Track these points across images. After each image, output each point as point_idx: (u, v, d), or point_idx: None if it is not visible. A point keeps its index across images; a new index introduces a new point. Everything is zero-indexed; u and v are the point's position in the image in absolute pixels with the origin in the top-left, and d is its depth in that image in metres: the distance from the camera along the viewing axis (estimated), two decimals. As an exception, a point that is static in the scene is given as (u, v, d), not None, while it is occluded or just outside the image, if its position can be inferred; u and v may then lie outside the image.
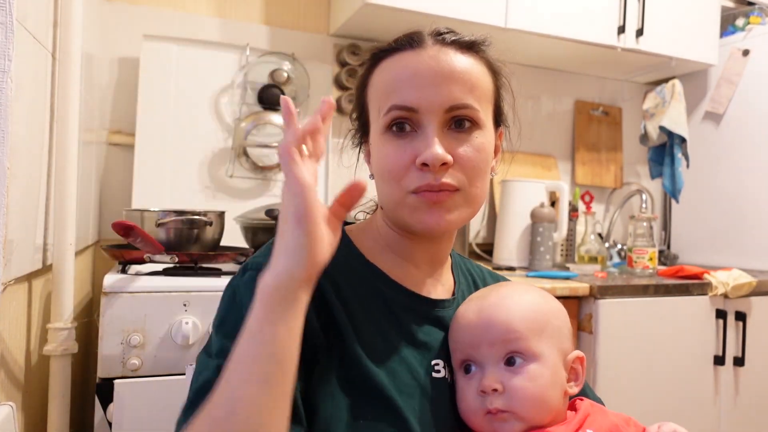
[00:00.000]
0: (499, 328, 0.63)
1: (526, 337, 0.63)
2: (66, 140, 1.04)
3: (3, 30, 0.72)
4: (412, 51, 0.66)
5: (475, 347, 0.63)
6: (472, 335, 0.64)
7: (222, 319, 0.62)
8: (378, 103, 0.66)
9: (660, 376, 1.56)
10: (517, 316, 0.64)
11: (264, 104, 1.78)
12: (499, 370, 0.62)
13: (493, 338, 0.63)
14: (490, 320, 0.64)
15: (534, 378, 0.62)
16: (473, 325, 0.65)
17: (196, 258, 1.23)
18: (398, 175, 0.64)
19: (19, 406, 0.92)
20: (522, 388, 0.61)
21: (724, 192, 2.17)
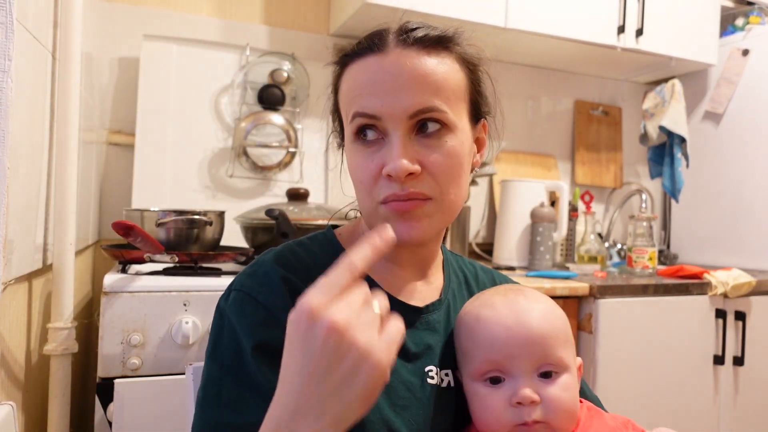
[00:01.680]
0: (541, 340, 0.62)
1: (561, 350, 0.63)
2: (66, 140, 1.04)
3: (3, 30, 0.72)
4: (374, 56, 0.63)
5: (510, 358, 0.61)
6: (508, 345, 0.62)
7: (213, 344, 0.62)
8: (345, 110, 0.65)
9: (660, 376, 1.56)
10: (554, 325, 0.64)
11: (264, 104, 1.78)
12: (534, 381, 0.61)
13: (533, 352, 0.61)
14: (530, 331, 0.62)
15: (568, 388, 0.62)
16: (510, 333, 0.62)
17: (196, 258, 1.23)
18: (368, 185, 0.63)
19: (20, 405, 0.92)
20: (559, 399, 0.61)
21: (723, 192, 2.17)
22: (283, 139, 1.78)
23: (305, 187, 1.61)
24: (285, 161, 1.81)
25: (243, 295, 0.61)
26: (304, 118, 1.83)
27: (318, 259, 0.67)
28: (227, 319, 0.61)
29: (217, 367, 0.60)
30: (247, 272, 0.64)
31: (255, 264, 0.65)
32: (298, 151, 1.81)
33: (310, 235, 0.72)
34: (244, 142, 1.74)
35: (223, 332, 0.61)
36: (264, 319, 0.59)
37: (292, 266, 0.64)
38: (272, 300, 0.60)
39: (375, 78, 0.62)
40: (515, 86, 2.24)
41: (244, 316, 0.60)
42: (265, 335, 0.58)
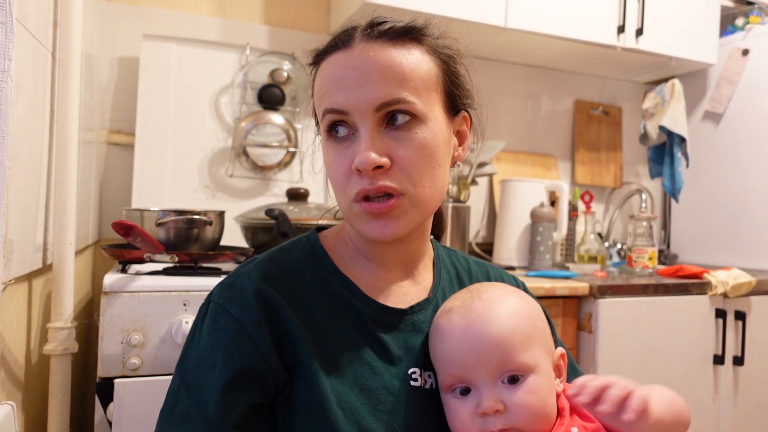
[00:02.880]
0: (495, 348, 0.60)
1: (521, 352, 0.60)
2: (66, 140, 1.04)
3: (3, 29, 0.72)
4: (341, 52, 0.63)
5: (470, 370, 0.60)
6: (464, 357, 0.60)
7: (184, 352, 0.63)
8: (318, 108, 0.65)
9: (659, 376, 1.56)
10: (509, 329, 0.61)
11: (264, 104, 1.78)
12: (497, 389, 0.60)
13: (489, 360, 0.60)
14: (482, 340, 0.60)
15: (534, 390, 0.60)
16: (463, 345, 0.61)
17: (196, 257, 1.23)
18: (342, 183, 0.63)
19: (20, 405, 0.92)
20: (524, 403, 0.59)
21: (723, 191, 2.17)
22: (283, 139, 1.78)
23: (305, 187, 1.61)
24: (285, 161, 1.81)
25: (218, 307, 0.62)
26: (304, 118, 1.84)
27: (300, 266, 0.67)
28: (200, 332, 0.62)
29: (179, 379, 0.61)
30: (225, 283, 0.64)
31: (233, 275, 0.65)
32: (298, 151, 1.81)
33: (293, 240, 0.72)
34: (244, 141, 1.74)
35: (193, 344, 0.62)
36: (236, 334, 0.59)
37: (270, 277, 0.64)
38: (245, 314, 0.60)
39: (340, 73, 0.62)
40: (515, 86, 2.24)
41: (216, 330, 0.60)
42: (237, 361, 0.58)
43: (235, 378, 0.57)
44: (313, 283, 0.66)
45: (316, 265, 0.67)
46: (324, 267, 0.67)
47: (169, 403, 0.60)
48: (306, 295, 0.64)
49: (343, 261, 0.69)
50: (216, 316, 0.61)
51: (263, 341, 0.59)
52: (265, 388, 0.59)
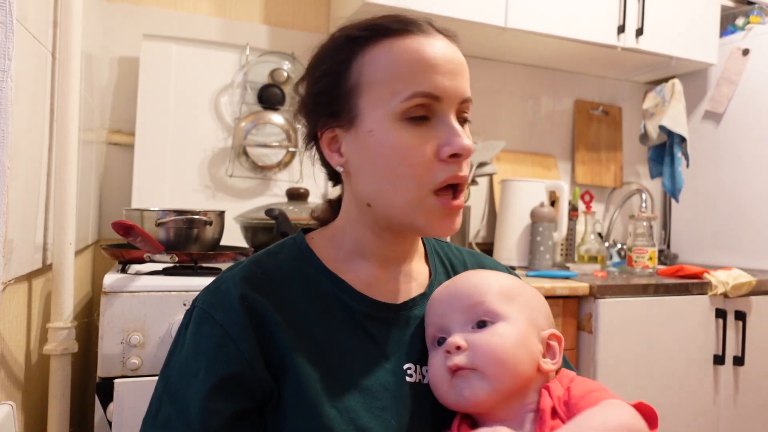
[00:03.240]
0: (467, 294, 0.63)
1: (494, 301, 0.62)
2: (66, 140, 1.04)
3: (3, 29, 0.72)
4: (423, 36, 0.61)
5: (444, 317, 0.63)
6: (440, 307, 0.64)
7: (168, 358, 0.62)
8: (390, 86, 0.60)
9: (660, 376, 1.56)
10: (485, 283, 0.64)
11: (264, 104, 1.78)
12: (465, 332, 0.61)
13: (460, 305, 0.62)
14: (457, 289, 0.64)
15: (499, 334, 0.60)
16: (442, 298, 0.65)
17: (195, 257, 1.23)
18: (420, 170, 0.59)
19: (19, 405, 0.92)
20: (486, 342, 0.59)
21: (724, 191, 2.17)
22: (283, 139, 1.78)
23: (305, 187, 1.61)
24: (285, 161, 1.81)
25: (202, 312, 0.61)
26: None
27: (286, 267, 0.66)
28: (184, 339, 0.61)
29: (162, 385, 0.60)
30: (210, 288, 0.64)
31: (218, 280, 0.65)
32: (298, 151, 1.81)
33: (279, 243, 0.70)
34: (244, 141, 1.74)
35: (177, 350, 0.62)
36: (220, 340, 0.59)
37: (255, 280, 0.63)
38: (229, 319, 0.59)
39: (434, 58, 0.60)
40: (515, 86, 2.24)
41: (200, 336, 0.60)
42: (220, 367, 0.57)
43: (219, 384, 0.57)
44: (301, 284, 0.65)
45: (304, 266, 0.66)
46: (312, 267, 0.66)
47: (152, 410, 0.59)
48: (293, 297, 0.63)
49: (333, 261, 0.67)
50: (200, 321, 0.61)
51: (248, 346, 0.58)
52: (250, 394, 0.58)
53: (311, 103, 0.67)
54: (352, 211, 0.68)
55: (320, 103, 0.65)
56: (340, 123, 0.64)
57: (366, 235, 0.67)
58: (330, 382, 0.60)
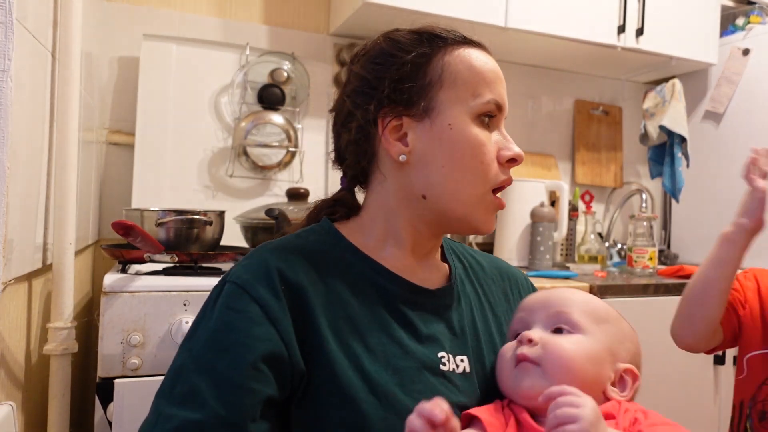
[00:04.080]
0: (557, 302, 0.66)
1: (578, 315, 0.64)
2: (66, 140, 1.04)
3: (3, 29, 0.72)
4: (480, 50, 0.68)
5: (530, 315, 0.66)
6: (530, 306, 0.67)
7: (192, 331, 0.60)
8: (472, 88, 0.65)
9: (660, 376, 1.56)
10: (580, 300, 0.67)
11: (264, 104, 1.78)
12: (543, 331, 0.64)
13: (547, 309, 0.65)
14: (551, 296, 0.67)
15: (572, 342, 0.62)
16: (536, 299, 0.69)
17: (196, 257, 1.23)
18: (486, 168, 0.65)
19: (19, 405, 0.92)
20: (557, 344, 0.61)
21: (724, 191, 2.17)
22: (283, 139, 1.78)
23: (305, 187, 1.61)
24: (285, 161, 1.81)
25: (236, 288, 0.59)
26: (304, 118, 1.83)
27: (320, 248, 0.66)
28: (212, 312, 0.59)
29: (185, 357, 0.57)
30: (243, 263, 0.62)
31: (252, 255, 0.64)
32: (298, 151, 1.81)
33: (306, 228, 0.71)
34: (244, 141, 1.74)
35: (202, 324, 0.59)
36: (257, 318, 0.57)
37: (292, 258, 0.62)
38: (267, 296, 0.58)
39: (497, 73, 0.68)
40: (515, 86, 2.24)
41: (234, 311, 0.58)
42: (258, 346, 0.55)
43: (255, 362, 0.54)
44: (335, 264, 0.64)
45: (336, 249, 0.66)
46: (345, 250, 0.67)
47: (167, 384, 0.56)
48: (328, 276, 0.63)
49: (364, 246, 0.67)
50: (233, 296, 0.59)
51: (285, 327, 0.57)
52: (282, 381, 0.56)
53: (381, 89, 0.65)
54: (390, 203, 0.68)
55: (395, 90, 0.65)
56: (411, 113, 0.65)
57: (403, 226, 0.68)
58: (366, 364, 0.59)
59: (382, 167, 0.67)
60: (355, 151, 0.68)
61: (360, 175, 0.71)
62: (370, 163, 0.69)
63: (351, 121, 0.68)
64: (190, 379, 0.55)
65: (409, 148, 0.65)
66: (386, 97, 0.65)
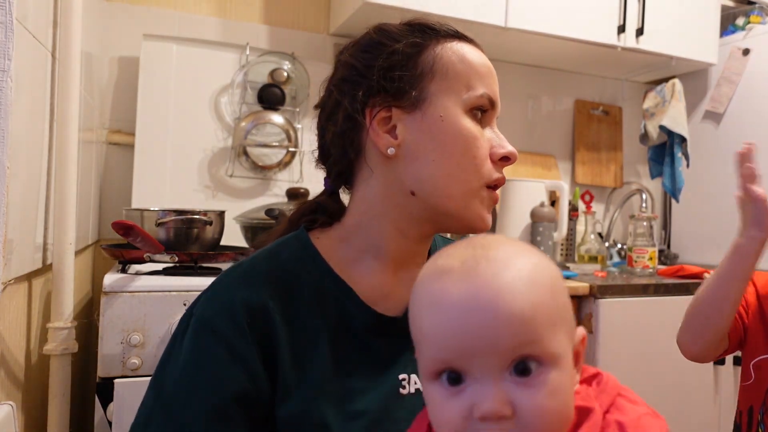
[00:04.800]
0: (509, 327, 0.42)
1: (543, 334, 0.43)
2: (66, 139, 1.04)
3: (3, 29, 0.72)
4: (475, 47, 0.66)
5: (470, 355, 0.42)
6: (466, 339, 0.42)
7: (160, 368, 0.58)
8: (465, 80, 0.62)
9: (660, 376, 1.56)
10: (531, 304, 0.43)
11: (264, 104, 1.78)
12: (504, 384, 0.42)
13: (501, 345, 0.42)
14: (495, 317, 0.42)
15: (556, 391, 0.43)
16: (467, 322, 0.42)
17: (196, 257, 1.23)
18: (480, 163, 0.62)
19: (19, 405, 0.92)
20: (543, 409, 0.42)
21: (724, 191, 2.17)
22: (283, 139, 1.78)
23: (305, 187, 1.61)
24: (285, 161, 1.81)
25: (201, 323, 0.57)
26: (304, 118, 1.83)
27: (290, 268, 0.62)
28: (180, 348, 0.57)
29: (153, 396, 0.56)
30: (209, 295, 0.60)
31: (217, 285, 0.60)
32: (298, 151, 1.81)
33: (280, 241, 0.66)
34: (244, 141, 1.74)
35: (171, 359, 0.58)
36: (223, 355, 0.55)
37: (258, 285, 0.59)
38: (232, 331, 0.56)
39: (490, 69, 0.65)
40: (515, 86, 2.24)
41: (200, 349, 0.56)
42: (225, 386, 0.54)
43: (222, 405, 0.54)
44: (305, 286, 0.61)
45: (308, 266, 0.62)
46: (317, 268, 0.63)
47: (140, 421, 0.56)
48: (296, 301, 0.60)
49: (340, 263, 0.64)
50: (199, 332, 0.57)
51: (253, 362, 0.55)
52: (254, 418, 0.55)
53: (370, 76, 0.62)
54: (376, 205, 0.64)
55: (385, 78, 0.62)
56: (401, 103, 0.61)
57: (388, 232, 0.64)
58: (329, 401, 0.57)
59: (370, 162, 0.63)
60: (341, 144, 0.64)
61: (345, 173, 0.67)
62: (356, 158, 0.64)
63: (337, 111, 0.64)
64: (158, 421, 0.55)
65: (398, 140, 0.61)
66: (375, 85, 0.61)
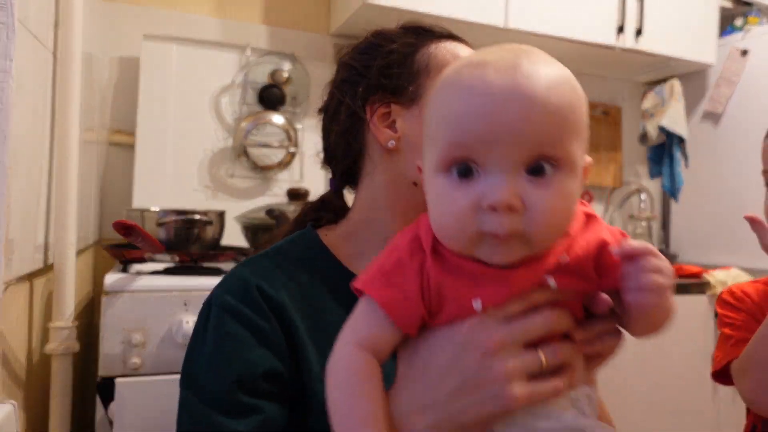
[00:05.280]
0: (545, 117, 0.41)
1: (570, 136, 0.43)
2: (66, 140, 1.04)
3: (4, 30, 0.72)
4: (469, 48, 0.68)
5: (490, 143, 0.42)
6: (493, 122, 0.42)
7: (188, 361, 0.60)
8: None
9: (659, 375, 1.57)
10: (566, 100, 0.43)
11: (264, 104, 1.78)
12: (518, 180, 0.42)
13: (528, 133, 0.41)
14: (532, 103, 0.41)
15: (566, 195, 0.43)
16: (500, 106, 0.42)
17: (196, 257, 1.23)
18: None
19: (21, 404, 0.92)
20: (552, 208, 0.42)
21: (723, 191, 2.17)
22: (284, 139, 1.78)
23: (305, 187, 1.62)
24: (285, 161, 1.81)
25: (222, 312, 0.59)
26: (304, 118, 1.84)
27: (300, 262, 0.64)
28: (204, 338, 0.59)
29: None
30: (224, 285, 0.62)
31: (231, 276, 0.63)
32: (298, 151, 1.81)
33: (289, 238, 0.69)
34: (245, 141, 1.74)
35: (197, 352, 0.59)
36: (250, 337, 0.57)
37: (269, 274, 0.61)
38: (254, 317, 0.58)
39: None
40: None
41: (226, 336, 0.57)
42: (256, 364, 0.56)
43: (253, 380, 0.55)
44: (315, 278, 0.63)
45: (317, 262, 0.65)
46: (326, 263, 0.65)
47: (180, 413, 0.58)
48: (308, 289, 0.62)
49: (349, 257, 0.66)
50: (222, 321, 0.58)
51: (278, 347, 0.57)
52: (284, 394, 0.57)
53: (368, 76, 0.66)
54: (381, 198, 0.66)
55: (383, 76, 0.65)
56: (399, 99, 0.65)
57: (394, 223, 0.64)
58: None
59: (372, 156, 0.66)
60: (344, 142, 0.67)
61: (350, 170, 0.69)
62: (359, 155, 0.67)
63: (340, 110, 0.67)
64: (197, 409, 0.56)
65: (398, 134, 0.64)
66: (374, 83, 0.65)
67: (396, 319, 0.45)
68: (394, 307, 0.45)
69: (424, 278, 0.45)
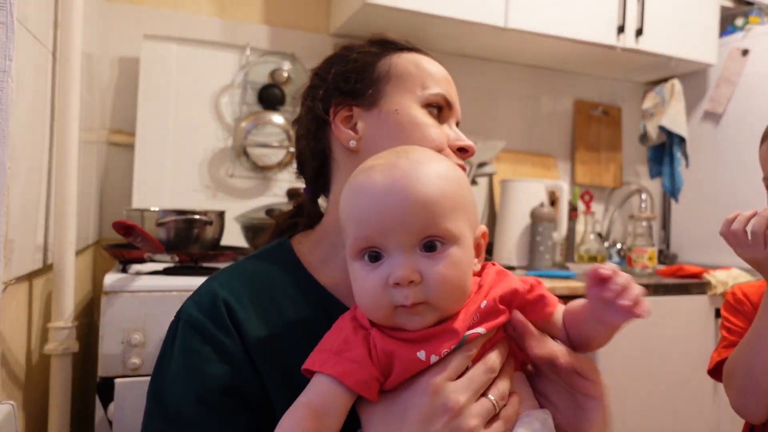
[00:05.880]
0: (420, 210, 0.51)
1: (448, 219, 0.52)
2: (66, 140, 1.04)
3: (4, 30, 0.72)
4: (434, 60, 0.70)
5: (387, 233, 0.51)
6: (383, 219, 0.51)
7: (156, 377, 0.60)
8: (420, 81, 0.67)
9: (659, 375, 1.57)
10: (437, 191, 0.52)
11: (264, 104, 1.78)
12: (415, 257, 0.51)
13: (412, 223, 0.51)
14: (407, 200, 0.51)
15: (456, 264, 0.52)
16: (385, 205, 0.51)
17: (196, 257, 1.23)
18: (437, 148, 0.64)
19: (20, 405, 0.92)
20: (444, 276, 0.51)
21: (723, 191, 2.17)
22: (283, 139, 1.78)
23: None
24: (285, 161, 1.81)
25: (188, 327, 0.60)
26: (304, 118, 1.83)
27: (270, 274, 0.65)
28: (171, 353, 0.60)
29: (152, 401, 0.58)
30: (194, 299, 0.63)
31: (202, 290, 0.64)
32: (298, 151, 1.81)
33: (265, 248, 0.70)
34: (245, 141, 1.74)
35: (164, 366, 0.60)
36: (213, 354, 0.58)
37: (237, 288, 0.62)
38: (217, 333, 0.58)
39: (447, 77, 0.69)
40: (515, 86, 2.24)
41: (191, 352, 0.58)
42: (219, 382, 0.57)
43: (213, 396, 0.56)
44: (282, 289, 0.64)
45: (288, 271, 0.66)
46: (292, 271, 0.66)
47: (144, 423, 0.58)
48: (276, 304, 0.62)
49: (315, 263, 0.67)
50: (187, 337, 0.59)
51: (240, 364, 0.58)
52: (250, 407, 0.57)
53: (331, 82, 0.69)
54: None
55: (346, 80, 0.68)
56: (360, 102, 0.67)
57: None
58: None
59: (337, 158, 0.68)
60: (311, 146, 0.69)
61: (320, 176, 0.71)
62: (326, 157, 0.69)
63: (307, 116, 0.70)
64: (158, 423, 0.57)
65: (359, 135, 0.66)
66: (336, 88, 0.68)
67: (354, 386, 0.50)
68: (350, 376, 0.50)
69: (371, 346, 0.52)
